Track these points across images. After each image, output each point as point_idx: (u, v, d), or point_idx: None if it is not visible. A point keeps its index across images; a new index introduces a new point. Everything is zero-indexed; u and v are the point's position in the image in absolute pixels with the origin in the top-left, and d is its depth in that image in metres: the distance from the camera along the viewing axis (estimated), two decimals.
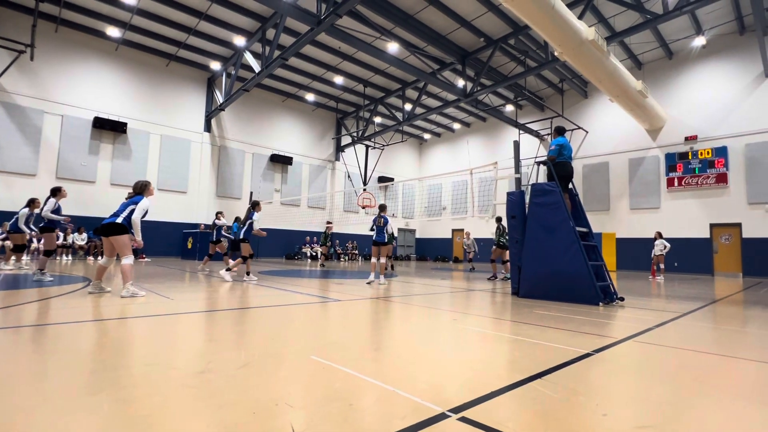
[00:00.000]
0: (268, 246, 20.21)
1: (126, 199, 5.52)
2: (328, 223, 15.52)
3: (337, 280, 9.36)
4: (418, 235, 28.68)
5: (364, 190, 21.72)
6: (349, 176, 23.86)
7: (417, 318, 4.48)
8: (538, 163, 7.01)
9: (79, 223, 14.94)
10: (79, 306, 4.55)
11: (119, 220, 5.28)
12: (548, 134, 20.58)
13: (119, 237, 5.26)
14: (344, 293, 6.56)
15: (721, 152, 15.87)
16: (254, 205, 8.47)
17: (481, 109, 19.56)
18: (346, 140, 23.95)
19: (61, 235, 14.15)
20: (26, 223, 8.34)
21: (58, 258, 13.76)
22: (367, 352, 2.98)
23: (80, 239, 14.67)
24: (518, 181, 7.51)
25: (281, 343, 3.17)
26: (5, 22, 14.21)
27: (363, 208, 21.56)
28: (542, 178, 16.44)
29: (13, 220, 8.42)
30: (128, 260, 5.28)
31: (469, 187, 9.81)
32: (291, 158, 21.64)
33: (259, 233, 8.45)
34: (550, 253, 6.25)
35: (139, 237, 5.49)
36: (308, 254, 20.24)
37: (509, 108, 22.04)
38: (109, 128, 16.06)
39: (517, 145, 7.79)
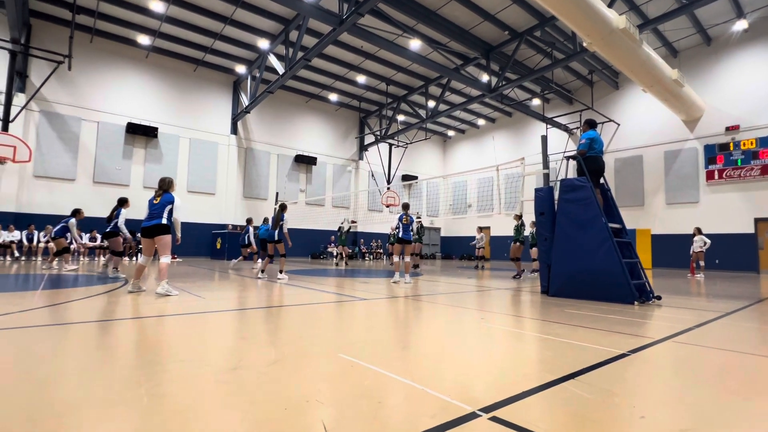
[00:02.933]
0: (294, 246, 20.53)
1: (156, 198, 5.66)
2: (349, 223, 15.62)
3: (363, 279, 9.43)
4: (443, 233, 28.51)
5: (388, 188, 21.74)
6: (372, 175, 23.93)
7: (443, 317, 4.47)
8: (567, 158, 6.85)
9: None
10: (120, 304, 4.76)
11: (164, 220, 5.52)
12: (577, 128, 20.03)
13: (164, 237, 5.50)
14: (370, 292, 6.60)
15: (767, 142, 15.03)
16: (283, 208, 8.76)
17: (506, 104, 19.22)
18: (369, 139, 24.04)
19: (98, 236, 14.77)
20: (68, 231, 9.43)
21: (96, 259, 14.38)
22: (394, 351, 3.00)
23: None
24: (546, 176, 7.37)
25: (310, 341, 3.22)
26: (45, 35, 15.00)
27: (387, 206, 21.57)
28: (572, 174, 16.04)
29: (59, 227, 9.39)
30: (167, 259, 5.53)
31: (496, 184, 9.67)
32: (315, 158, 21.89)
33: (287, 239, 8.72)
34: (581, 250, 6.11)
35: (179, 234, 5.86)
36: (334, 253, 20.46)
37: (536, 102, 21.57)
38: (141, 133, 16.70)
39: (544, 139, 7.64)
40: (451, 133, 27.69)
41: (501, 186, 9.55)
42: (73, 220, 9.46)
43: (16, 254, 13.07)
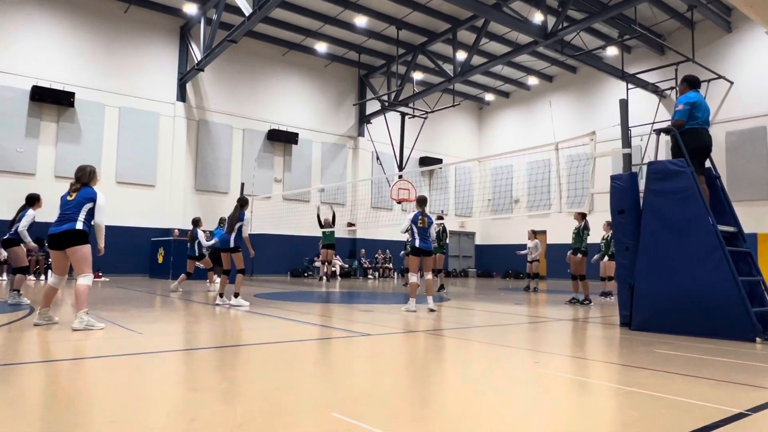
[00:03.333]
0: (267, 259, 20.63)
1: (71, 193, 5.69)
2: (332, 210, 15.62)
3: (364, 305, 9.43)
4: (478, 241, 28.46)
5: (400, 177, 21.74)
6: (378, 158, 24.03)
7: (480, 360, 4.47)
8: (658, 132, 6.82)
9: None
10: (22, 342, 4.81)
11: (79, 225, 5.53)
12: (671, 88, 19.90)
13: (80, 248, 5.51)
14: (374, 324, 6.62)
15: None
16: (243, 203, 8.81)
17: (569, 55, 19.15)
18: (373, 106, 24.14)
19: None
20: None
21: (32, 279, 14.55)
22: (410, 409, 2.99)
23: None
24: (627, 158, 7.34)
25: (290, 393, 3.24)
26: None
27: (398, 202, 21.61)
28: (664, 154, 15.93)
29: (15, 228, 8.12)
30: (86, 279, 5.57)
31: (554, 169, 9.68)
32: (296, 135, 22.03)
33: (247, 246, 8.74)
34: (678, 264, 6.06)
35: (102, 244, 5.83)
36: (323, 270, 20.54)
37: (611, 52, 21.46)
38: (51, 100, 16.92)
39: (624, 105, 7.61)
40: (489, 97, 27.66)
41: (562, 172, 9.55)
42: (30, 212, 8.90)
43: None
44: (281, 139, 21.67)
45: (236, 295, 8.53)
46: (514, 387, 3.59)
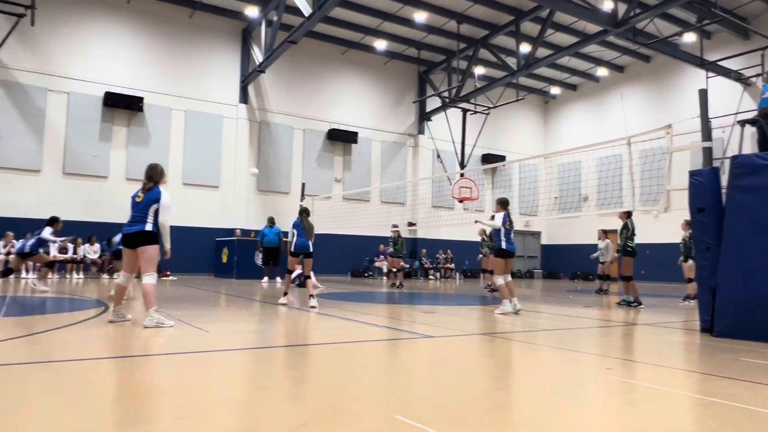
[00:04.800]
0: (327, 259, 20.98)
1: (140, 194, 5.96)
2: (394, 227, 15.73)
3: (426, 307, 9.43)
4: (544, 241, 27.85)
5: (462, 175, 21.58)
6: (438, 156, 23.97)
7: (548, 365, 4.40)
8: (742, 123, 6.46)
9: (91, 231, 16.82)
10: (97, 338, 5.12)
11: (148, 226, 5.80)
12: (758, 75, 18.75)
13: (148, 248, 5.80)
14: (437, 326, 6.63)
15: None
16: (303, 213, 9.49)
17: (641, 44, 18.39)
18: (433, 104, 24.07)
19: (70, 247, 16.03)
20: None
21: (68, 276, 15.62)
22: (476, 414, 2.97)
23: (92, 252, 16.51)
24: (708, 152, 7.01)
25: (352, 394, 3.28)
26: None
27: (460, 201, 21.44)
28: (749, 147, 15.11)
29: (34, 239, 10.56)
30: (152, 278, 5.85)
31: (627, 164, 9.37)
32: (356, 134, 22.31)
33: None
34: (766, 265, 5.72)
35: (168, 245, 6.08)
36: (384, 269, 20.67)
37: (689, 38, 20.45)
38: (122, 105, 17.91)
39: (704, 95, 7.28)
40: (555, 90, 27.01)
41: (635, 168, 9.22)
42: (48, 229, 10.68)
43: None
44: (341, 138, 21.98)
45: (312, 297, 8.59)
46: (584, 394, 3.51)
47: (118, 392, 3.27)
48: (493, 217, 8.66)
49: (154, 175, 6.03)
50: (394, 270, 15.72)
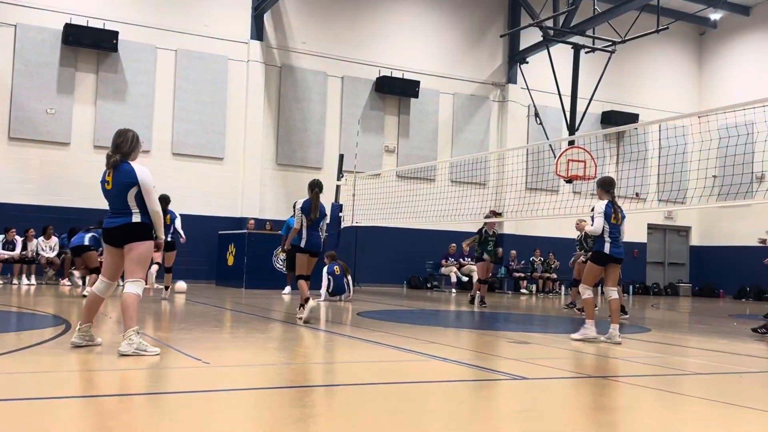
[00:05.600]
0: (374, 262, 21.01)
1: (108, 175, 6.02)
2: (494, 215, 15.44)
3: (515, 334, 9.29)
4: (695, 241, 27.01)
5: (571, 143, 21.11)
6: (537, 115, 23.53)
7: (697, 425, 4.28)
8: None
9: (46, 219, 17.34)
10: (58, 367, 5.23)
11: (136, 217, 5.94)
12: None
13: (138, 246, 5.95)
14: (533, 363, 6.54)
15: None
16: (321, 188, 9.99)
17: None
18: (530, 38, 23.62)
19: (20, 240, 16.55)
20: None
21: (15, 281, 16.19)
22: None
23: (48, 249, 17.00)
24: None
25: None
26: None
27: (568, 181, 20.99)
28: None
29: (90, 234, 12.41)
30: (137, 287, 5.95)
31: None
32: (416, 83, 22.10)
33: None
34: None
35: (162, 235, 6.27)
36: (454, 278, 20.57)
37: None
38: (89, 43, 18.34)
39: None
40: (715, 15, 26.02)
41: None
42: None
43: None
44: (395, 90, 21.88)
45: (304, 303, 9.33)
46: None
47: None
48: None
49: (122, 144, 6.00)
50: (480, 281, 15.32)
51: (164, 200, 12.55)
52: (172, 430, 3.60)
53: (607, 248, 8.20)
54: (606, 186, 8.53)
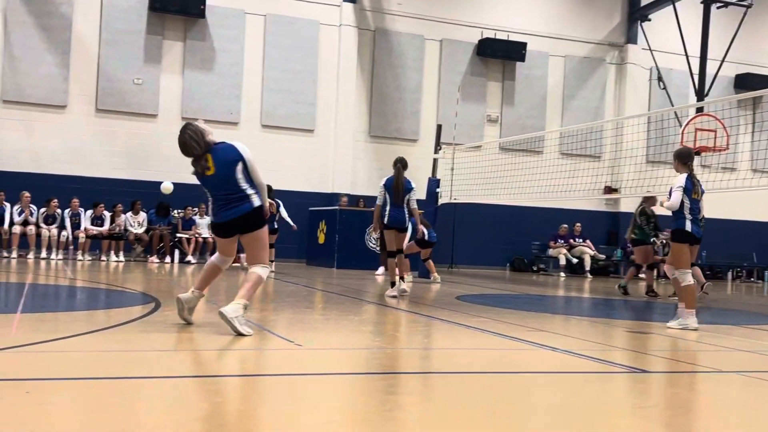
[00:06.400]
0: (473, 242, 20.80)
1: (209, 164, 6.06)
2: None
3: (631, 323, 8.99)
4: None
5: (700, 110, 20.25)
6: (660, 79, 22.93)
7: None
8: None
9: (134, 194, 17.85)
10: (145, 348, 5.27)
11: (255, 200, 6.08)
12: None
13: (258, 233, 6.19)
14: (654, 354, 6.35)
15: None
16: (404, 165, 10.43)
17: None
18: None
19: (108, 215, 17.03)
20: None
21: (103, 257, 16.72)
22: None
23: (136, 224, 17.47)
24: None
25: None
26: None
27: (697, 153, 20.15)
28: None
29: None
30: (265, 272, 6.18)
31: None
32: (523, 45, 21.76)
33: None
34: None
35: (267, 201, 6.37)
36: (563, 260, 20.21)
37: None
38: (175, 9, 18.69)
39: None
40: None
41: None
42: None
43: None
44: (498, 53, 21.58)
45: (401, 279, 9.97)
46: None
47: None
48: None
49: (196, 148, 6.05)
50: (641, 268, 14.40)
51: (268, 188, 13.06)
52: (263, 415, 3.57)
53: (688, 226, 8.16)
54: (684, 158, 8.49)
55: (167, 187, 15.50)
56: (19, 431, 2.80)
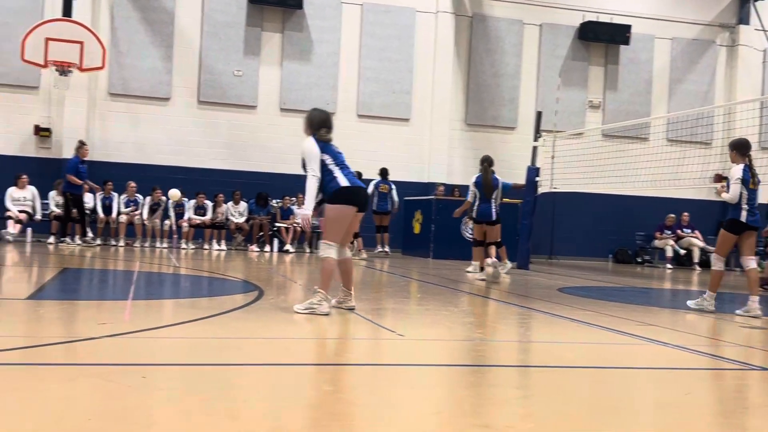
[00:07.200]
0: (574, 233, 20.53)
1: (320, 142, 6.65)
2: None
3: (754, 320, 8.74)
4: None
5: None
6: None
7: None
8: None
9: (234, 184, 18.37)
10: (248, 335, 5.48)
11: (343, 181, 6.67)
12: None
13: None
14: None
15: None
16: (490, 163, 11.78)
17: None
18: None
19: (210, 205, 17.58)
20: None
21: (206, 246, 17.31)
22: None
23: (237, 214, 17.96)
24: None
25: None
26: None
27: None
28: None
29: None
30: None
31: None
32: (627, 28, 21.37)
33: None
34: None
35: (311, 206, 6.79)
36: (670, 252, 19.75)
37: None
38: (273, 0, 19.08)
39: None
40: None
41: None
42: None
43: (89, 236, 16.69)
44: (601, 37, 21.26)
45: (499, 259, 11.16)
46: None
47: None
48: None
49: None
50: None
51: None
52: (371, 403, 3.65)
53: (743, 216, 8.18)
54: (741, 148, 8.42)
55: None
56: (143, 414, 2.96)
